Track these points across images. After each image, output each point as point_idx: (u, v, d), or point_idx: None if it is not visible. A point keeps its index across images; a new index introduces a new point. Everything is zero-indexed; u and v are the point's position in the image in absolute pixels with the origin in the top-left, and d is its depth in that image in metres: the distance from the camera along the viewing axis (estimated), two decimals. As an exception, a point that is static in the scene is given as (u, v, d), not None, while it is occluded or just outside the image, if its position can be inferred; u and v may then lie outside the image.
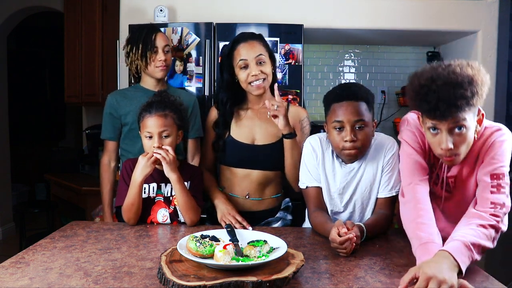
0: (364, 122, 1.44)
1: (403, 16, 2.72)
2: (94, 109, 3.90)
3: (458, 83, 1.13)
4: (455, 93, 1.12)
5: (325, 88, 3.39)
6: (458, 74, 1.14)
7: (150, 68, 1.85)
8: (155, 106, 1.60)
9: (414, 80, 1.20)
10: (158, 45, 1.85)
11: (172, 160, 1.53)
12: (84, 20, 3.42)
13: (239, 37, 1.74)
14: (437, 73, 1.16)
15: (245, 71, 1.68)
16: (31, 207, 3.57)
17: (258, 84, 1.68)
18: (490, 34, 2.76)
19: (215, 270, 1.06)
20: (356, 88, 1.48)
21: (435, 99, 1.13)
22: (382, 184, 1.52)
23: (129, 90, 1.98)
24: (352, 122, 1.43)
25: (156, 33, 1.87)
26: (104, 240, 1.40)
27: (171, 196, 1.63)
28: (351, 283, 1.07)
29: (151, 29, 1.88)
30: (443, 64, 1.18)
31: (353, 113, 1.43)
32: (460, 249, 1.08)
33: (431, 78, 1.15)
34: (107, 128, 1.91)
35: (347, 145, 1.44)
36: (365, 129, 1.45)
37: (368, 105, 1.46)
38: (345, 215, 1.57)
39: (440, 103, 1.13)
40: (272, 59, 1.74)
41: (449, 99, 1.12)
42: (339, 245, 1.25)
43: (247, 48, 1.69)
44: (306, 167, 1.59)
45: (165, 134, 1.58)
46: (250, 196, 1.75)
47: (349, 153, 1.46)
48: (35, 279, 1.07)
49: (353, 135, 1.43)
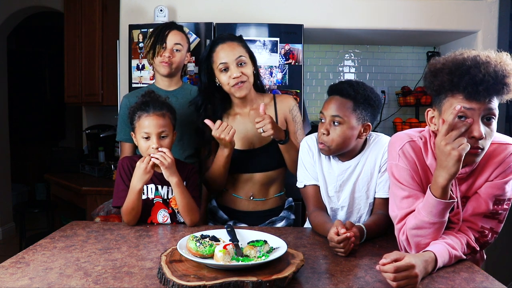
0: (340, 120, 1.43)
1: (403, 16, 2.72)
2: (94, 109, 3.90)
3: (504, 69, 1.09)
4: (503, 72, 1.08)
5: (325, 88, 3.35)
6: (492, 60, 1.11)
7: (156, 61, 1.85)
8: (152, 105, 1.54)
9: (449, 58, 1.15)
10: (168, 41, 1.84)
11: (171, 163, 1.49)
12: (84, 20, 3.41)
13: (218, 39, 1.71)
14: (471, 56, 1.12)
15: (226, 74, 1.65)
16: (31, 207, 3.56)
17: (239, 86, 1.65)
18: (490, 34, 2.76)
19: (215, 270, 1.06)
20: (347, 85, 1.45)
21: (481, 73, 1.07)
22: (380, 183, 1.52)
23: (143, 91, 1.95)
24: (330, 116, 1.45)
25: (170, 30, 1.87)
26: (104, 240, 1.40)
27: (168, 198, 1.61)
28: (351, 283, 1.07)
29: (168, 25, 1.89)
30: (475, 52, 1.15)
31: (331, 108, 1.45)
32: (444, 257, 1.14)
33: (475, 56, 1.11)
34: (123, 130, 1.90)
35: (320, 138, 1.48)
36: (341, 127, 1.43)
37: (356, 105, 1.43)
38: (343, 213, 1.57)
39: (487, 76, 1.07)
40: (252, 60, 1.72)
41: (496, 76, 1.07)
42: (336, 244, 1.25)
43: (226, 50, 1.66)
44: (304, 166, 1.59)
45: (164, 134, 1.54)
46: (254, 197, 1.75)
47: (320, 146, 1.49)
48: (35, 279, 1.07)
49: (325, 129, 1.45)
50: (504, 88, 1.10)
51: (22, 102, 5.46)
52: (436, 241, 1.17)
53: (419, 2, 2.72)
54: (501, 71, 1.08)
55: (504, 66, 1.10)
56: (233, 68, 1.65)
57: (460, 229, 1.22)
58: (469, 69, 1.09)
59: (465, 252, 1.19)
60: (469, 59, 1.11)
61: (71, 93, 3.62)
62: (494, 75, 1.08)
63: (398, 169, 1.28)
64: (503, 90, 1.10)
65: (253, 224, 1.73)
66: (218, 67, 1.66)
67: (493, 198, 1.18)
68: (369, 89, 1.47)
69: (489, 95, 1.09)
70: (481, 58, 1.11)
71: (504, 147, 1.17)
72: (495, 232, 1.22)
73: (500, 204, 1.19)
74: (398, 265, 1.02)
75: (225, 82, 1.66)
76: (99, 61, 3.27)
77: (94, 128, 3.59)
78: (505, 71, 1.09)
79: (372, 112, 1.47)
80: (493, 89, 1.08)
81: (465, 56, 1.13)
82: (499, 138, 1.20)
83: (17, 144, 5.00)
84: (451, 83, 1.11)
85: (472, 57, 1.12)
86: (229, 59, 1.65)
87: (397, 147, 1.29)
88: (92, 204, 2.80)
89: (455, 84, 1.11)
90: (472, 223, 1.21)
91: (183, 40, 1.88)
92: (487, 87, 1.07)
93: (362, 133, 1.47)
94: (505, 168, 1.17)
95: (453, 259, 1.16)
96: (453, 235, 1.20)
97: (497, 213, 1.20)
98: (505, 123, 3.02)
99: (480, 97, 1.08)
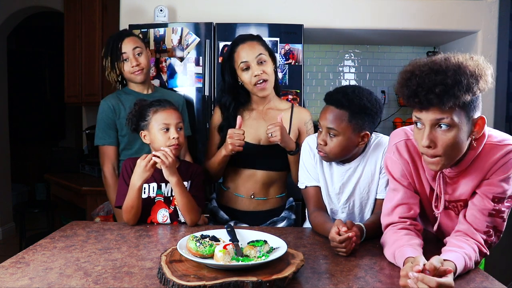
0: (335, 132, 1.41)
1: (403, 16, 2.72)
2: (94, 109, 3.88)
3: (441, 70, 1.05)
4: (435, 79, 1.04)
5: (325, 88, 3.39)
6: (447, 62, 1.06)
7: (126, 76, 1.85)
8: (165, 101, 1.62)
9: (405, 67, 1.14)
10: (126, 50, 1.83)
11: (172, 163, 1.51)
12: (84, 20, 3.42)
13: (238, 39, 1.75)
14: (427, 61, 1.10)
15: (247, 73, 1.69)
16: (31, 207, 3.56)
17: (262, 86, 1.69)
18: (490, 34, 2.76)
19: (215, 270, 1.06)
20: (342, 95, 1.41)
21: (415, 85, 1.06)
22: (381, 185, 1.52)
23: (120, 94, 1.95)
24: (325, 128, 1.44)
25: (122, 40, 1.85)
26: (104, 240, 1.40)
27: (171, 196, 1.62)
28: (351, 283, 1.07)
29: (118, 37, 1.86)
30: (442, 55, 1.12)
31: (327, 120, 1.43)
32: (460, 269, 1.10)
33: (418, 64, 1.10)
34: (107, 134, 1.89)
35: (318, 147, 1.48)
36: (337, 138, 1.42)
37: (352, 116, 1.40)
38: (344, 215, 1.57)
39: (419, 89, 1.05)
40: (272, 58, 1.75)
41: (428, 85, 1.04)
42: (338, 244, 1.25)
43: (247, 50, 1.69)
44: (305, 167, 1.59)
45: (180, 126, 1.60)
46: (255, 196, 1.75)
47: (320, 154, 1.50)
48: (35, 279, 1.07)
49: (322, 140, 1.45)
50: (443, 89, 1.04)
51: (22, 102, 5.46)
52: (457, 250, 1.13)
53: (419, 2, 2.72)
54: (439, 77, 1.04)
55: (447, 67, 1.05)
56: (254, 66, 1.68)
57: (468, 233, 1.19)
58: (408, 81, 1.09)
59: (478, 261, 1.18)
60: (410, 71, 1.10)
61: (71, 93, 3.62)
62: (426, 83, 1.05)
63: (391, 162, 1.33)
64: (443, 94, 1.03)
65: (254, 224, 1.73)
66: (239, 66, 1.70)
67: (492, 196, 1.17)
68: (366, 96, 1.42)
69: (428, 103, 1.06)
70: (422, 67, 1.08)
71: (502, 146, 1.16)
72: (498, 231, 1.21)
73: (501, 202, 1.18)
74: (441, 282, 0.97)
75: (247, 80, 1.70)
76: (99, 61, 3.27)
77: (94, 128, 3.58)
78: (445, 75, 1.04)
79: (370, 120, 1.44)
80: (428, 97, 1.05)
81: (408, 67, 1.12)
82: (496, 138, 1.18)
83: (17, 144, 4.99)
84: (402, 93, 1.13)
85: (414, 67, 1.10)
86: (250, 58, 1.68)
87: (393, 142, 1.33)
88: (92, 204, 2.80)
89: (402, 95, 1.13)
90: (477, 224, 1.19)
91: (138, 42, 1.89)
92: (422, 98, 1.06)
93: (360, 142, 1.46)
94: (502, 166, 1.15)
95: (465, 270, 1.12)
96: (468, 244, 1.16)
97: (500, 211, 1.18)
98: (505, 123, 3.02)
99: (421, 107, 1.08)
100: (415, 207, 1.31)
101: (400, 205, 1.31)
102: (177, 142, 1.57)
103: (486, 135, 1.17)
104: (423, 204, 1.34)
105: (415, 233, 1.27)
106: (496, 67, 2.77)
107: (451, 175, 1.23)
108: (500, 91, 2.86)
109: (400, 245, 1.18)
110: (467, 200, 1.23)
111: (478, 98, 1.10)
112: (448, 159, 1.13)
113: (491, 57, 2.76)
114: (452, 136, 1.09)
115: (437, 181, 1.26)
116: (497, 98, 2.78)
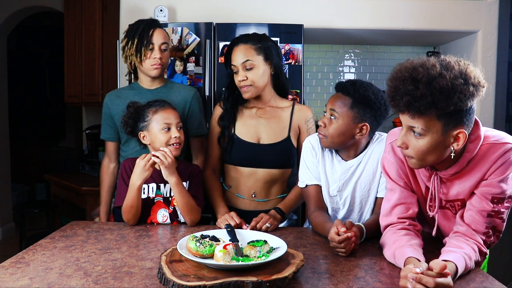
0: (336, 114, 1.46)
1: (403, 16, 2.72)
2: (94, 109, 3.90)
3: (416, 80, 1.05)
4: (406, 88, 1.06)
5: (325, 88, 3.39)
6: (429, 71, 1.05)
7: (145, 65, 1.78)
8: (161, 101, 1.61)
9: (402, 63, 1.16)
10: (154, 41, 1.77)
11: (171, 163, 1.51)
12: (84, 20, 3.42)
13: (233, 41, 1.75)
14: (416, 64, 1.10)
15: (236, 76, 1.71)
16: (31, 207, 3.56)
17: (243, 90, 1.70)
18: (490, 34, 2.76)
19: (215, 270, 1.06)
20: (350, 84, 1.48)
21: (393, 87, 1.10)
22: (381, 184, 1.52)
23: (124, 89, 1.93)
24: (329, 110, 1.49)
25: (155, 28, 1.78)
26: (104, 240, 1.40)
27: (170, 196, 1.62)
28: (351, 283, 1.07)
29: (150, 24, 1.79)
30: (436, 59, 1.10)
31: (331, 102, 1.49)
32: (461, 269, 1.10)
33: (406, 66, 1.11)
34: (105, 129, 1.90)
35: (319, 129, 1.53)
36: (336, 121, 1.47)
37: (354, 104, 1.45)
38: (344, 213, 1.57)
39: (394, 93, 1.10)
40: (268, 60, 1.71)
41: (401, 92, 1.07)
42: (337, 244, 1.25)
43: (236, 54, 1.69)
44: (306, 165, 1.59)
45: (180, 125, 1.60)
46: (256, 196, 1.75)
47: (319, 136, 1.53)
48: (35, 279, 1.07)
49: (322, 122, 1.50)
50: (409, 109, 1.06)
51: (22, 102, 5.45)
52: (457, 250, 1.13)
53: (419, 2, 2.72)
54: (404, 90, 1.06)
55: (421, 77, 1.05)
56: (240, 71, 1.69)
57: (467, 234, 1.19)
58: (391, 80, 1.12)
59: (479, 261, 1.17)
60: (397, 70, 1.11)
61: (71, 93, 3.62)
62: (400, 93, 1.07)
63: (387, 161, 1.35)
64: (408, 110, 1.07)
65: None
66: (232, 68, 1.72)
67: (490, 196, 1.16)
68: (373, 90, 1.46)
69: (400, 111, 1.11)
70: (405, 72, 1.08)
71: (500, 145, 1.14)
72: (498, 231, 1.21)
73: (500, 202, 1.17)
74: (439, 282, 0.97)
75: (236, 83, 1.73)
76: (99, 61, 3.27)
77: (94, 128, 3.58)
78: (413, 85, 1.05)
79: (373, 114, 1.46)
80: (398, 106, 1.09)
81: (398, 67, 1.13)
82: (494, 137, 1.16)
83: (17, 144, 5.00)
84: (386, 90, 1.16)
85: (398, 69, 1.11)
86: (237, 63, 1.69)
87: (388, 141, 1.35)
88: (92, 204, 2.80)
89: (386, 92, 1.16)
90: (476, 225, 1.18)
91: (167, 38, 1.84)
92: (394, 104, 1.10)
93: (357, 132, 1.47)
94: (500, 165, 1.14)
95: (466, 270, 1.12)
96: (468, 244, 1.16)
97: (499, 212, 1.17)
98: (505, 123, 3.02)
99: (396, 110, 1.12)
100: (413, 207, 1.31)
101: (398, 205, 1.31)
102: (178, 141, 1.57)
103: (482, 137, 1.15)
104: (420, 204, 1.34)
105: (414, 233, 1.27)
106: (496, 67, 2.77)
107: (446, 177, 1.22)
108: (500, 91, 2.86)
109: (400, 246, 1.18)
110: (465, 200, 1.22)
111: (461, 112, 1.07)
112: (423, 161, 1.15)
113: (491, 57, 2.77)
114: (423, 143, 1.11)
115: (431, 183, 1.25)
116: (497, 98, 2.78)
